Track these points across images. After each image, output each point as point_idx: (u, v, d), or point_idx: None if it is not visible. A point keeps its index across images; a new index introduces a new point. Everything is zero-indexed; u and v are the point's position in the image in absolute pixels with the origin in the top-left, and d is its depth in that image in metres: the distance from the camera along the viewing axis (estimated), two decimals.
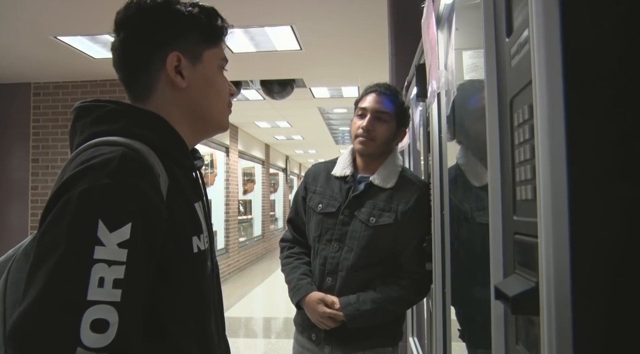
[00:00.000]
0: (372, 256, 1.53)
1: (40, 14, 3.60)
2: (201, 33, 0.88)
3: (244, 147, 9.48)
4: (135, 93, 0.86)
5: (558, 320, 0.47)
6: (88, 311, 0.62)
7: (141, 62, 0.84)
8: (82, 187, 0.67)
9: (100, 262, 0.64)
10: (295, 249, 1.69)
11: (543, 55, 0.49)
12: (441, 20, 1.31)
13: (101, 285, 0.64)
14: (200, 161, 0.95)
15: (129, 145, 0.73)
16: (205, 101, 0.89)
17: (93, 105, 0.81)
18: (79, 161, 0.71)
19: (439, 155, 1.41)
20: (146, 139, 0.78)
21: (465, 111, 1.43)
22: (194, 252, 0.79)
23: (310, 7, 3.57)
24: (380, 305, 1.51)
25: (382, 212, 1.54)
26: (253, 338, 5.25)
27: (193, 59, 0.86)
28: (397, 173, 1.60)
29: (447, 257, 1.35)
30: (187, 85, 0.85)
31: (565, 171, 0.48)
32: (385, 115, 1.58)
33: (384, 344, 1.60)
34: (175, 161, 0.83)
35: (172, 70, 0.84)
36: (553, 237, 0.48)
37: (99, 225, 0.65)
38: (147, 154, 0.75)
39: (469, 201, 1.49)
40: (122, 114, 0.81)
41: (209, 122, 0.91)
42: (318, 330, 1.58)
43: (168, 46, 0.84)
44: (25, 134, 5.42)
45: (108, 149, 0.72)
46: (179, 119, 0.86)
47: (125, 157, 0.71)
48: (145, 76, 0.85)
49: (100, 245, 0.65)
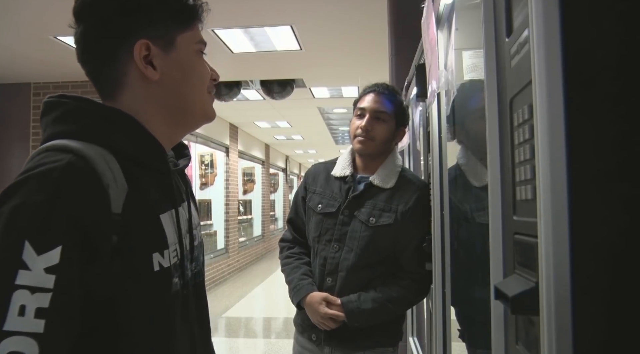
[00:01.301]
0: (372, 257, 1.53)
1: (40, 14, 3.60)
2: (171, 15, 0.77)
3: (244, 147, 9.48)
4: (104, 90, 0.78)
5: (558, 320, 0.47)
6: (4, 342, 0.55)
7: (106, 55, 0.75)
8: (14, 203, 0.61)
9: (23, 289, 0.57)
10: (295, 249, 1.69)
11: (543, 55, 0.49)
12: (441, 20, 1.31)
13: (22, 314, 0.57)
14: (185, 159, 0.87)
15: (79, 152, 0.66)
16: (184, 91, 0.80)
17: (57, 101, 0.74)
18: (25, 169, 0.65)
19: (439, 155, 1.41)
20: (109, 144, 0.71)
21: (466, 110, 1.43)
22: (154, 270, 0.71)
23: (310, 7, 3.57)
24: (380, 304, 1.51)
25: (382, 213, 1.54)
26: (253, 338, 5.25)
27: (165, 46, 0.77)
28: (397, 173, 1.59)
29: (447, 258, 1.35)
30: (161, 76, 0.76)
31: (565, 171, 0.48)
32: (384, 115, 1.58)
33: (384, 344, 1.60)
34: (144, 166, 0.75)
35: (140, 61, 0.75)
36: (553, 237, 0.48)
37: (24, 246, 0.59)
38: (99, 162, 0.67)
39: (469, 201, 1.49)
40: (84, 113, 0.73)
41: (192, 114, 0.82)
42: (318, 331, 1.57)
43: (134, 34, 0.74)
44: (25, 134, 5.42)
45: (54, 156, 0.65)
46: (155, 115, 0.78)
47: (69, 168, 0.64)
48: (112, 70, 0.76)
49: (25, 269, 0.58)
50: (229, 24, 3.83)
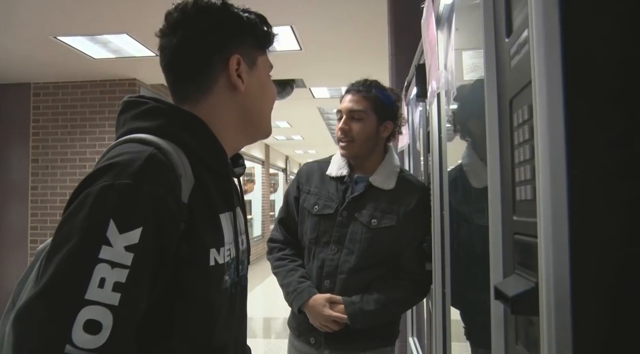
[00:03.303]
0: (373, 258, 1.52)
1: (40, 14, 3.60)
2: (256, 38, 0.89)
3: (244, 147, 9.46)
4: (185, 95, 0.86)
5: (558, 320, 0.47)
6: (84, 310, 0.61)
7: (202, 63, 0.84)
8: (102, 184, 0.67)
9: (104, 263, 0.63)
10: (287, 250, 1.65)
11: (543, 55, 0.49)
12: (441, 20, 1.31)
13: (101, 286, 0.62)
14: (241, 168, 0.95)
15: (159, 145, 0.73)
16: (259, 106, 0.91)
17: (136, 101, 0.82)
18: (109, 156, 0.72)
19: (439, 155, 1.41)
20: (180, 142, 0.78)
21: (474, 107, 1.42)
22: (210, 265, 0.77)
23: (310, 7, 3.57)
24: (383, 306, 1.50)
25: (384, 214, 1.52)
26: (253, 338, 5.25)
27: (250, 64, 0.87)
28: (396, 174, 1.58)
29: (447, 258, 1.35)
30: (245, 89, 0.86)
31: (565, 171, 0.48)
32: (359, 113, 1.55)
33: (383, 345, 1.59)
34: (209, 168, 0.81)
35: (234, 73, 0.85)
36: (553, 237, 0.48)
37: (109, 224, 0.65)
38: (175, 155, 0.74)
39: (472, 201, 1.49)
40: (162, 113, 0.80)
41: (259, 128, 0.93)
42: (317, 333, 1.55)
43: (229, 48, 0.84)
44: (25, 134, 5.42)
45: (137, 147, 0.72)
46: (230, 122, 0.87)
47: (151, 158, 0.70)
48: (204, 77, 0.85)
49: (108, 245, 0.64)
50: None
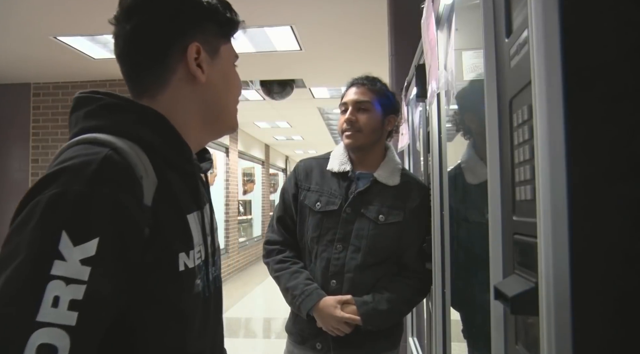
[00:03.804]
0: (379, 256, 1.50)
1: (40, 14, 3.60)
2: (219, 25, 0.81)
3: (244, 147, 9.47)
4: (141, 88, 0.79)
5: (557, 320, 0.47)
6: (36, 333, 0.54)
7: (157, 52, 0.77)
8: (52, 192, 0.60)
9: (58, 279, 0.56)
10: (287, 253, 1.58)
11: (542, 55, 0.49)
12: (441, 20, 1.31)
13: (55, 305, 0.55)
14: (208, 163, 0.88)
15: (115, 145, 0.66)
16: (222, 99, 0.84)
17: (89, 97, 0.75)
18: (60, 160, 0.65)
19: (439, 155, 1.41)
20: (139, 139, 0.71)
21: (473, 105, 1.41)
22: (179, 270, 0.71)
23: (310, 7, 3.57)
24: (395, 306, 1.48)
25: (390, 210, 1.51)
26: (253, 338, 5.25)
27: (211, 53, 0.80)
28: (399, 171, 1.58)
29: (447, 258, 1.35)
30: (206, 81, 0.79)
31: (565, 171, 0.48)
32: (366, 103, 1.55)
33: (389, 348, 1.57)
34: (173, 166, 0.75)
35: (192, 62, 0.77)
36: (552, 237, 0.48)
37: (62, 236, 0.58)
38: (131, 154, 0.67)
39: (472, 201, 1.49)
40: (118, 109, 0.73)
41: (224, 122, 0.86)
42: (324, 338, 1.49)
43: (188, 36, 0.77)
44: (25, 135, 5.42)
45: (90, 149, 0.65)
46: (192, 117, 0.80)
47: (107, 160, 0.64)
48: (159, 68, 0.77)
49: (61, 259, 0.57)
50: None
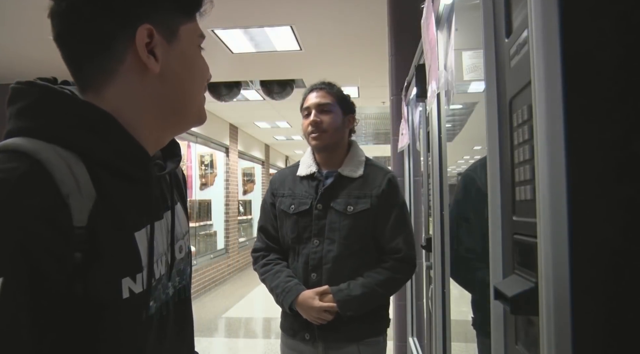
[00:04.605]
0: (355, 244, 1.57)
1: (40, 14, 3.58)
2: (177, 3, 0.69)
3: (244, 147, 9.47)
4: (85, 80, 0.67)
5: (557, 320, 0.47)
6: None
7: (99, 37, 0.64)
8: None
9: None
10: (270, 256, 1.70)
11: (542, 55, 0.49)
12: (441, 20, 1.31)
13: None
14: (175, 161, 0.77)
15: (37, 157, 0.56)
16: (184, 87, 0.71)
17: (26, 89, 0.65)
18: None
19: (439, 155, 1.41)
20: (75, 146, 0.61)
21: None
22: (123, 298, 0.61)
23: (310, 7, 3.57)
24: (370, 289, 1.54)
25: (357, 200, 1.59)
26: (253, 338, 5.25)
27: (168, 36, 0.67)
28: (362, 162, 1.66)
29: (447, 258, 1.35)
30: (162, 69, 0.67)
31: (565, 171, 0.48)
32: (327, 105, 1.66)
33: (374, 334, 1.63)
34: (119, 174, 0.64)
35: (142, 49, 0.65)
36: (552, 237, 0.48)
37: None
38: (58, 166, 0.57)
39: None
40: (54, 107, 0.63)
41: (187, 114, 0.73)
42: (311, 329, 1.59)
43: (136, 18, 0.64)
44: None
45: (7, 163, 0.55)
46: (146, 112, 0.68)
47: (25, 179, 0.54)
48: (103, 57, 0.65)
49: None
50: (228, 24, 3.83)
